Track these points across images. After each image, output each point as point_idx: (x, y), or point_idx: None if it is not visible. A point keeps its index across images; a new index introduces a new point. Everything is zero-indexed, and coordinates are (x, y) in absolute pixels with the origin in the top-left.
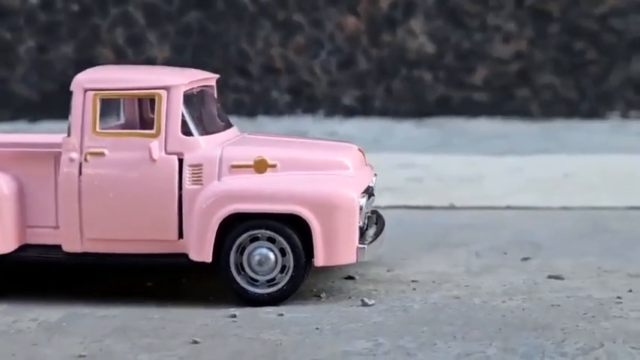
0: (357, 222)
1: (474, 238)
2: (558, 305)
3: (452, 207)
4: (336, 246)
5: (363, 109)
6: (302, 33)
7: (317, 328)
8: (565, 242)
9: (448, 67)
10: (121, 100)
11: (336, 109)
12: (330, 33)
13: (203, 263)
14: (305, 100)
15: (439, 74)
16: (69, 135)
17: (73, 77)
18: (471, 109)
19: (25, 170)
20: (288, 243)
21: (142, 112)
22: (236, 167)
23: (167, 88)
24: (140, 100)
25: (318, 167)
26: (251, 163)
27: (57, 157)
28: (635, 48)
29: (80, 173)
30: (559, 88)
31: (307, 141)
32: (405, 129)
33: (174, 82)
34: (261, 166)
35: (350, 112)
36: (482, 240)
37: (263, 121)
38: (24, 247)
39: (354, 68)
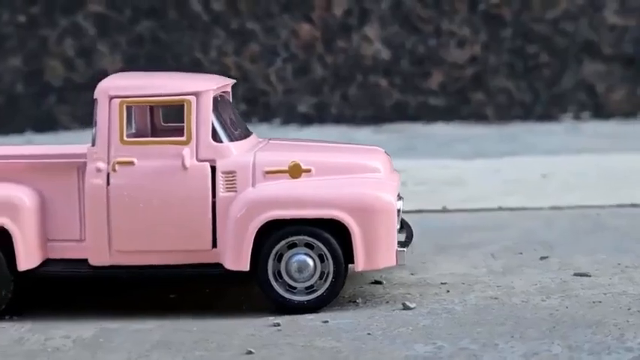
0: (396, 225)
1: (482, 239)
2: (599, 302)
3: (444, 210)
4: (376, 250)
5: (320, 116)
6: (256, 41)
7: (369, 334)
8: (574, 241)
9: (404, 72)
10: (132, 108)
11: (292, 117)
12: (284, 41)
13: (239, 272)
14: (261, 108)
15: (395, 80)
16: (94, 144)
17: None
18: (427, 114)
19: (46, 182)
20: (328, 249)
21: (154, 121)
22: (270, 173)
23: (196, 94)
24: (152, 107)
25: (352, 171)
26: (285, 168)
27: (80, 167)
28: (586, 51)
29: (108, 183)
30: (513, 92)
31: (335, 145)
32: (364, 135)
33: (204, 87)
34: (295, 171)
35: (306, 120)
36: (491, 241)
37: None
38: (45, 262)
39: (309, 76)
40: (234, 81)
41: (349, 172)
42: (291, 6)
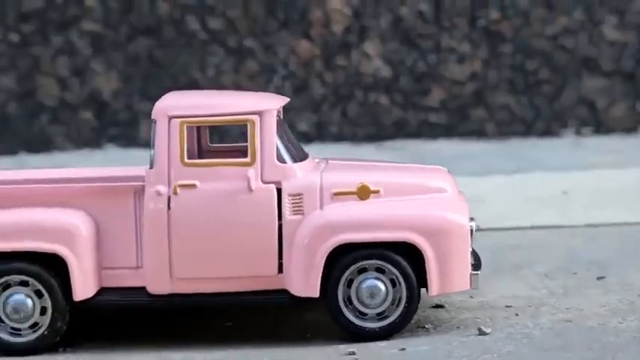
0: (469, 247)
1: (528, 259)
2: None
3: (478, 229)
4: (450, 273)
5: (320, 134)
6: (254, 59)
7: None
8: (624, 259)
9: (404, 89)
10: None
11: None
12: (283, 58)
13: (307, 299)
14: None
15: (395, 97)
16: (152, 167)
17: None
18: (428, 131)
19: (101, 206)
20: (400, 273)
21: (201, 142)
22: (338, 195)
23: (260, 113)
24: (199, 128)
25: (419, 191)
26: (354, 189)
27: (137, 191)
28: (586, 66)
29: (169, 207)
30: (514, 108)
31: (397, 165)
32: (366, 153)
33: (267, 106)
34: (364, 192)
35: (306, 138)
36: (539, 261)
37: None
38: (99, 291)
39: (308, 93)
40: (289, 99)
41: (417, 192)
42: (290, 23)
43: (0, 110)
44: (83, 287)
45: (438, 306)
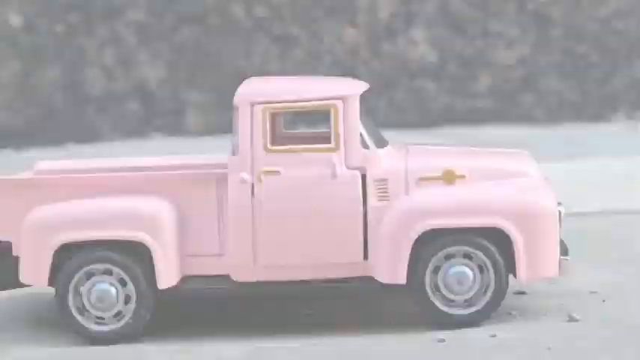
0: (558, 232)
1: (602, 244)
2: None
3: None
4: (539, 259)
5: None
6: (300, 47)
7: (549, 349)
8: None
9: (451, 75)
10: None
11: None
12: (329, 46)
13: (394, 286)
14: (306, 115)
15: (442, 83)
16: (234, 154)
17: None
18: (475, 117)
19: (183, 194)
20: (489, 259)
21: (275, 128)
22: (424, 180)
23: (343, 99)
24: (273, 115)
25: (504, 176)
26: (439, 174)
27: (219, 178)
28: (637, 49)
29: (252, 195)
30: (563, 93)
31: (478, 149)
32: (414, 140)
33: (351, 91)
34: (450, 177)
35: None
36: (615, 246)
37: None
38: (183, 279)
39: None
40: (369, 85)
41: (502, 177)
42: (336, 10)
43: (47, 101)
44: (167, 275)
45: (521, 292)
